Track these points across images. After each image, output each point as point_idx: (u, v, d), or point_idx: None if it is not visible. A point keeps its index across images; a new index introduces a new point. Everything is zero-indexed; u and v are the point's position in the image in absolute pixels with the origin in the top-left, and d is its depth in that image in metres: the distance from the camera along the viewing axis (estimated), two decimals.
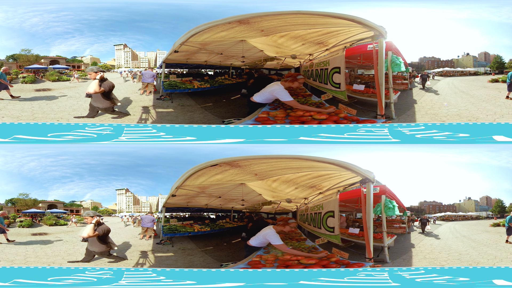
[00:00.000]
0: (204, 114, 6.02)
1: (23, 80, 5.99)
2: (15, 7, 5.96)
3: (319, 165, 5.53)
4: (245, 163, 5.60)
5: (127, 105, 5.99)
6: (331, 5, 5.74)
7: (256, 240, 5.96)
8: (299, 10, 5.62)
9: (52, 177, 5.89)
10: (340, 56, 5.95)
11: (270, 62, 6.14)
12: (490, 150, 5.91)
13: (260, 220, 6.10)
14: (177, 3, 6.00)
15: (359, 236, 5.82)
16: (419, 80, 6.04)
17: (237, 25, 5.74)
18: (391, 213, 5.79)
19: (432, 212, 5.96)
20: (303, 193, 6.20)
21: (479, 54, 5.95)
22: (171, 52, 5.95)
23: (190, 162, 5.64)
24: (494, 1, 6.05)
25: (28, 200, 5.92)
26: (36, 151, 5.93)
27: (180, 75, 6.17)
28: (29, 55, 5.92)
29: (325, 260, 5.86)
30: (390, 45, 5.77)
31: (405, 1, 6.07)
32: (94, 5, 5.97)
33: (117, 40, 5.92)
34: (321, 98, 6.11)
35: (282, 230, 5.99)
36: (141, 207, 6.07)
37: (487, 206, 5.92)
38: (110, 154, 5.91)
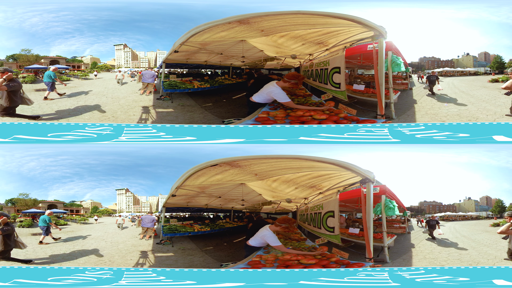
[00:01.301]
0: (204, 114, 6.02)
1: (23, 80, 5.99)
2: (13, 7, 5.96)
3: (319, 165, 5.53)
4: (245, 163, 5.60)
5: (127, 105, 5.99)
6: (331, 5, 5.74)
7: (255, 241, 5.96)
8: (299, 10, 5.62)
9: (52, 177, 5.89)
10: (340, 56, 5.95)
11: (270, 62, 6.14)
12: (489, 150, 5.91)
13: (260, 220, 6.10)
14: (177, 2, 6.00)
15: (359, 236, 5.82)
16: (425, 81, 6.01)
17: (237, 25, 5.73)
18: (391, 213, 5.79)
19: (432, 212, 5.96)
20: (303, 193, 6.20)
21: (479, 54, 5.95)
22: (171, 52, 5.95)
23: (190, 162, 5.64)
24: (492, 1, 6.05)
25: (28, 200, 5.91)
26: (35, 151, 5.93)
27: (180, 75, 6.17)
28: (29, 55, 5.92)
29: (325, 260, 5.86)
30: (390, 45, 5.77)
31: (405, 1, 6.07)
32: (94, 5, 5.97)
33: (117, 40, 5.92)
34: (321, 98, 6.11)
35: (277, 230, 5.98)
36: (141, 207, 6.07)
37: (487, 206, 5.92)
38: (110, 154, 5.91)
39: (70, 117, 5.86)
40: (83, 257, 5.84)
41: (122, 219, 6.05)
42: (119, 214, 6.06)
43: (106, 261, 5.81)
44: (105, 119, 5.87)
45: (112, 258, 5.84)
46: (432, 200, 5.92)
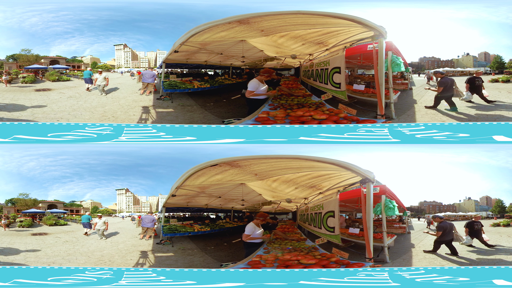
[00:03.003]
0: (204, 114, 6.02)
1: (23, 80, 5.98)
2: (12, 6, 5.95)
3: (319, 165, 5.53)
4: (245, 163, 5.60)
5: (127, 105, 5.99)
6: (331, 5, 5.74)
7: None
8: (299, 10, 5.62)
9: (52, 177, 5.89)
10: (340, 56, 5.95)
11: (270, 62, 6.14)
12: (488, 150, 5.91)
13: None
14: (178, 2, 6.00)
15: (359, 236, 5.82)
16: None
17: (237, 25, 5.73)
18: (391, 213, 5.79)
19: (432, 212, 5.96)
20: (303, 193, 6.20)
21: (479, 54, 5.95)
22: (171, 52, 5.94)
23: (190, 162, 5.64)
24: (490, 1, 6.06)
25: (28, 200, 5.91)
26: (34, 150, 5.92)
27: (180, 75, 6.16)
28: (29, 55, 5.91)
29: (325, 260, 5.87)
30: (390, 45, 5.77)
31: (405, 1, 6.07)
32: (94, 5, 5.96)
33: (117, 40, 5.91)
34: (321, 98, 6.11)
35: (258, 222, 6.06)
36: (141, 207, 6.06)
37: (487, 206, 5.93)
38: (110, 153, 5.91)
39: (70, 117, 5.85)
40: (83, 257, 5.84)
41: (100, 226, 6.07)
42: (105, 221, 6.09)
43: (106, 261, 5.80)
44: (105, 119, 5.87)
45: (112, 258, 5.84)
46: (432, 200, 5.92)
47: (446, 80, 5.88)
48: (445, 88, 5.85)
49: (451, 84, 5.89)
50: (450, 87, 5.88)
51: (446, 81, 5.88)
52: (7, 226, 5.97)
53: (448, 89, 5.87)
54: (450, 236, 5.83)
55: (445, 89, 5.86)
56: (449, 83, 5.85)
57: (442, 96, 5.88)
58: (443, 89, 5.84)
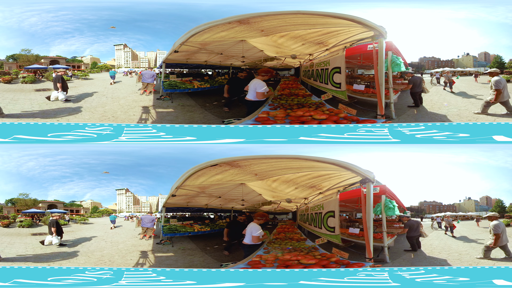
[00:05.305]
0: (204, 114, 6.02)
1: (23, 80, 5.98)
2: (10, 6, 5.94)
3: (319, 165, 5.53)
4: (245, 163, 5.60)
5: (127, 105, 5.99)
6: (331, 5, 5.74)
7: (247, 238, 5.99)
8: (299, 10, 5.62)
9: (51, 177, 5.88)
10: (340, 56, 5.95)
11: (270, 62, 6.14)
12: (487, 150, 5.92)
13: None
14: (179, 2, 5.99)
15: (359, 236, 5.82)
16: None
17: (237, 25, 5.73)
18: (391, 213, 5.79)
19: (432, 212, 5.96)
20: (303, 193, 6.20)
21: (479, 54, 5.95)
22: (171, 52, 5.94)
23: (190, 162, 5.63)
24: (487, 1, 6.06)
25: (28, 200, 5.91)
26: (33, 150, 5.92)
27: (180, 75, 6.16)
28: (29, 55, 5.90)
29: (325, 260, 5.87)
30: (390, 45, 5.77)
31: (405, 1, 6.08)
32: (94, 5, 5.96)
33: (117, 40, 5.91)
34: (321, 98, 6.11)
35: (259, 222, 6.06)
36: (141, 207, 6.06)
37: (487, 206, 5.93)
38: (111, 153, 5.91)
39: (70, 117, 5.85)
40: (83, 257, 5.84)
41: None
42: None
43: (106, 261, 5.80)
44: (105, 119, 5.87)
45: (112, 258, 5.84)
46: (432, 200, 5.92)
47: (415, 78, 5.97)
48: (414, 85, 5.98)
49: (420, 82, 6.00)
50: (419, 85, 6.01)
51: (415, 79, 5.97)
52: (7, 226, 5.98)
53: (417, 86, 6.01)
54: (417, 232, 5.94)
55: (414, 86, 5.99)
56: (418, 81, 5.98)
57: (412, 92, 5.99)
58: (412, 86, 5.97)
